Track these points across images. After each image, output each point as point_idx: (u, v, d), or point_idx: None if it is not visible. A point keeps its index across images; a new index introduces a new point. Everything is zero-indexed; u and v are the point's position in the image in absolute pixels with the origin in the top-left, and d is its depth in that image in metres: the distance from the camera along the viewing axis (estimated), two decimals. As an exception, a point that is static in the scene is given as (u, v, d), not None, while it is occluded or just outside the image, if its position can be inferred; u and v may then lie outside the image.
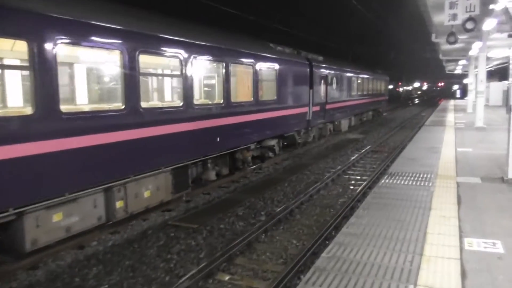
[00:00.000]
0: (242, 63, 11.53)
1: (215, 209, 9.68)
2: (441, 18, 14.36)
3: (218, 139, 10.45)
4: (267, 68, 12.98)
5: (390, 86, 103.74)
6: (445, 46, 24.31)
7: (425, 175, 9.08)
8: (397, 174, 9.32)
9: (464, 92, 60.29)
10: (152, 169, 8.51)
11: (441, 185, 8.07)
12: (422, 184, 8.33)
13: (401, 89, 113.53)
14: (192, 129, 9.43)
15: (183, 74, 9.03)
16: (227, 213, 9.38)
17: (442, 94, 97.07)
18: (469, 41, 20.17)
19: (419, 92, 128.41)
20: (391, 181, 8.74)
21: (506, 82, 36.20)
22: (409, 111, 47.33)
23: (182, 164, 9.44)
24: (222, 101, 10.56)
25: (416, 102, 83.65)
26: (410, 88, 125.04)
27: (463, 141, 14.02)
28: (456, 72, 49.73)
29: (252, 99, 12.01)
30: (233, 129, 11.04)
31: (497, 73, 41.58)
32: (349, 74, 23.20)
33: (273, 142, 14.05)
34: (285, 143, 17.46)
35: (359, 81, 25.94)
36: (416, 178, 8.86)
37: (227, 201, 10.44)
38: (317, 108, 17.74)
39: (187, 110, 9.23)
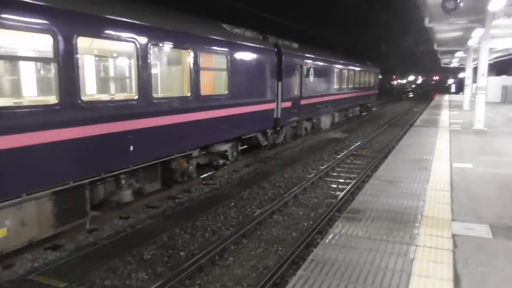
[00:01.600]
0: (170, 47, 8.72)
1: (114, 249, 6.95)
2: (435, -5, 11.60)
3: (131, 148, 7.68)
4: (214, 54, 10.19)
5: (383, 79, 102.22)
6: (441, 35, 21.58)
7: (403, 218, 5.88)
8: (361, 213, 6.13)
9: (460, 87, 57.78)
10: (8, 197, 5.76)
11: (426, 244, 4.93)
12: (396, 240, 5.08)
13: (394, 83, 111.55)
14: (82, 137, 6.66)
15: (58, 59, 6.21)
16: (126, 257, 6.65)
17: (437, 88, 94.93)
18: (468, 27, 17.46)
19: (413, 86, 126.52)
20: (348, 229, 5.46)
21: (505, 76, 33.61)
22: (401, 106, 44.74)
23: (73, 185, 6.69)
24: (135, 96, 7.76)
25: (410, 96, 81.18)
26: (404, 81, 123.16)
27: (461, 150, 11.21)
28: (452, 65, 47.09)
29: (188, 93, 9.22)
30: (156, 134, 8.28)
31: (495, 67, 38.99)
32: (331, 65, 20.42)
33: (225, 147, 11.29)
34: (247, 146, 14.75)
35: (344, 73, 23.19)
36: (388, 226, 5.56)
37: (141, 233, 7.70)
38: (288, 104, 14.98)
39: (72, 109, 6.44)
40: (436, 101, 37.16)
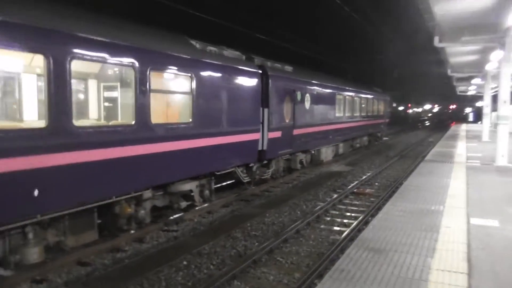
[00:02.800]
0: (110, 63, 6.94)
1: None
2: (444, 7, 9.70)
3: (35, 193, 5.78)
4: (172, 74, 8.37)
5: (400, 108, 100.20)
6: (455, 59, 19.61)
7: None
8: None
9: (478, 116, 55.23)
10: None
11: None
12: None
13: (410, 111, 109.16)
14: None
15: None
16: None
17: (454, 117, 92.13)
18: (485, 49, 15.46)
19: (429, 115, 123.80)
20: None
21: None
22: (414, 136, 42.36)
23: None
24: (48, 124, 5.91)
25: (426, 124, 78.66)
26: (419, 110, 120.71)
27: (481, 197, 8.82)
28: (469, 93, 44.85)
29: (132, 121, 7.36)
30: (77, 173, 6.38)
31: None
32: (334, 91, 18.53)
33: (189, 186, 9.33)
34: (234, 181, 12.81)
35: (349, 100, 21.26)
36: None
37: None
38: (277, 134, 13.04)
39: None
40: (452, 131, 34.80)
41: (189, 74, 8.68)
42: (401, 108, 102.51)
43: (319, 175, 16.93)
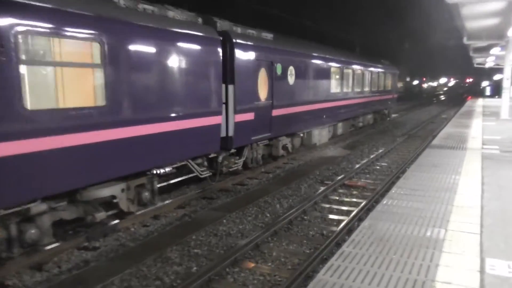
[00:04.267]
0: None
1: None
2: None
3: None
4: (67, 38, 5.99)
5: (415, 82, 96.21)
6: (471, 23, 16.73)
7: None
8: None
9: (496, 90, 51.68)
10: None
11: None
12: None
13: (425, 85, 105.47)
14: None
15: None
16: None
17: (470, 91, 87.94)
18: (510, 7, 12.65)
19: (445, 89, 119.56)
20: None
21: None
22: (427, 112, 39.36)
23: None
24: None
25: (442, 99, 75.10)
26: (435, 84, 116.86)
27: (504, 211, 5.98)
28: (486, 65, 41.42)
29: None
30: None
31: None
32: (327, 64, 15.95)
33: (108, 191, 7.08)
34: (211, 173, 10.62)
35: (348, 74, 18.63)
36: None
37: None
38: (248, 116, 10.67)
39: None
40: (467, 106, 31.82)
41: (95, 39, 6.29)
42: (415, 82, 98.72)
43: (308, 161, 14.57)
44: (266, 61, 11.50)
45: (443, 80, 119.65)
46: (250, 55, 10.65)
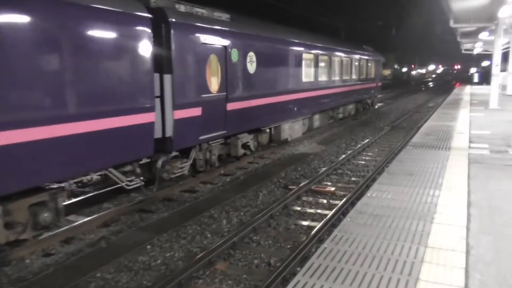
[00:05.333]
0: None
1: None
2: None
3: None
4: None
5: (404, 69, 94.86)
6: (457, 3, 15.09)
7: None
8: None
9: (484, 77, 50.40)
10: None
11: None
12: None
13: (413, 72, 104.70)
14: None
15: None
16: None
17: (459, 78, 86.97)
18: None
19: (433, 76, 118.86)
20: None
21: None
22: (413, 100, 37.89)
23: None
24: None
25: (430, 86, 74.00)
26: (423, 71, 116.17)
27: (498, 247, 4.35)
28: (475, 51, 40.00)
29: None
30: None
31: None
32: (297, 50, 14.22)
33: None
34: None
35: (324, 60, 16.94)
36: None
37: None
38: (193, 112, 8.95)
39: None
40: (455, 94, 30.38)
41: None
42: (404, 69, 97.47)
43: (276, 160, 12.94)
44: (218, 46, 9.75)
45: (431, 67, 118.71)
46: (195, 39, 8.89)
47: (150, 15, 7.58)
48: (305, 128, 16.46)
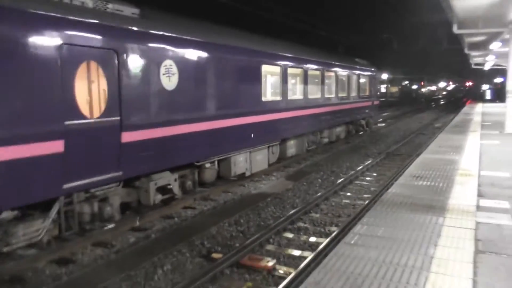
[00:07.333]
0: None
1: None
2: None
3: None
4: None
5: (414, 87, 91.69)
6: (462, 2, 11.87)
7: None
8: None
9: (496, 94, 46.75)
10: None
11: None
12: None
13: (424, 90, 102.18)
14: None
15: None
16: None
17: (470, 94, 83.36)
18: None
19: (444, 93, 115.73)
20: None
21: None
22: (419, 119, 34.45)
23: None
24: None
25: (441, 103, 70.94)
26: (434, 88, 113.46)
27: None
28: (486, 65, 36.68)
29: None
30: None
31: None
32: (255, 61, 11.10)
33: None
34: None
35: (297, 75, 13.79)
36: None
37: None
38: (47, 148, 5.79)
39: None
40: (464, 113, 26.94)
41: None
42: (414, 87, 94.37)
43: (220, 205, 9.65)
44: (103, 49, 6.65)
45: (442, 84, 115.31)
46: (51, 36, 5.80)
47: None
48: (274, 157, 13.20)
